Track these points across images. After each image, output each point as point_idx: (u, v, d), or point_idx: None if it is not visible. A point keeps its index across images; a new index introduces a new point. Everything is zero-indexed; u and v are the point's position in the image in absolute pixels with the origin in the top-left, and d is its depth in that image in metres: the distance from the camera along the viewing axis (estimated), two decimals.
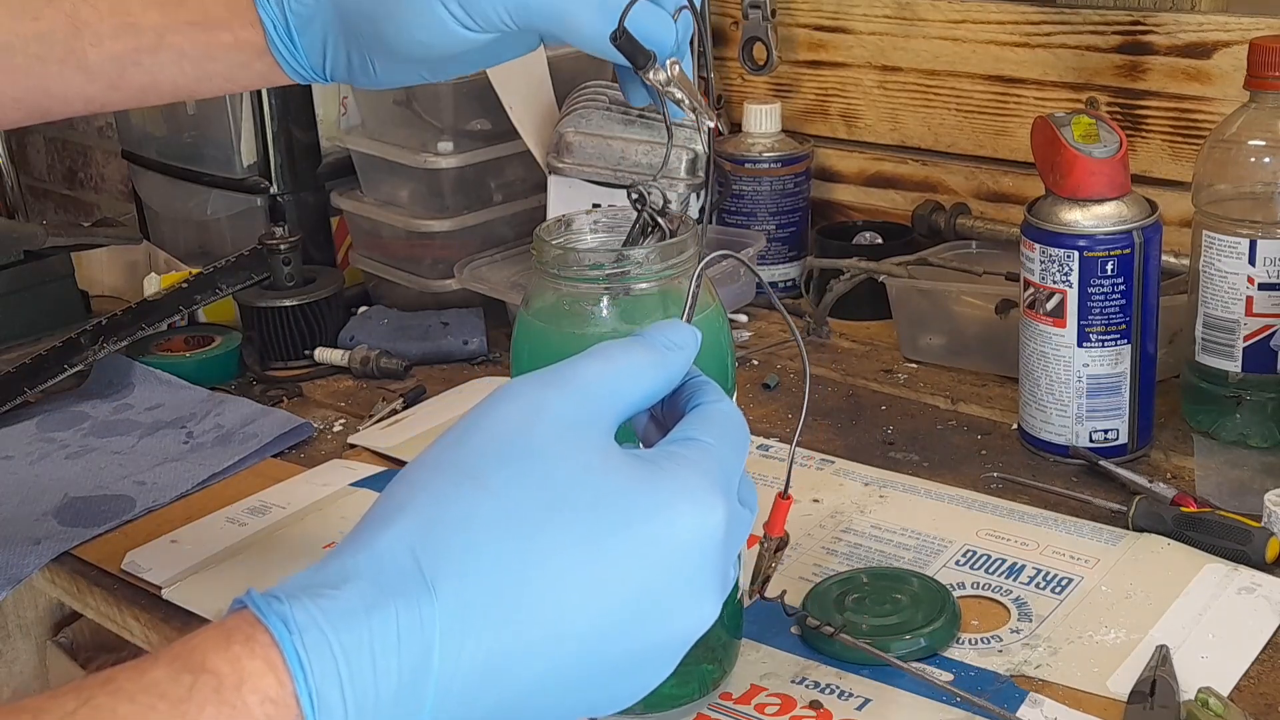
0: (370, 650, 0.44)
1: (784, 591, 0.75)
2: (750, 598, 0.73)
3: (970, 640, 0.77)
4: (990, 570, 0.83)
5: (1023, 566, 0.83)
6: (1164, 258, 0.95)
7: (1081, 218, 0.92)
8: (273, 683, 0.43)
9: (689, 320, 0.59)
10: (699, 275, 0.60)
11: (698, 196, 1.21)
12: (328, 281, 1.23)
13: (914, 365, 1.14)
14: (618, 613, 0.47)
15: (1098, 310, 0.92)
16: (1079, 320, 0.92)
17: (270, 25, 0.61)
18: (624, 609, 0.47)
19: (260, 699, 0.42)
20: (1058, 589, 0.81)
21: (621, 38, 0.63)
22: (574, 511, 0.47)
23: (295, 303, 1.20)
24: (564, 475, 0.47)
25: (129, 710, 0.41)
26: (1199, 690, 0.69)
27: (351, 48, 0.62)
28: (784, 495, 0.69)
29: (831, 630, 0.74)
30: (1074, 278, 0.92)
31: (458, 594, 0.45)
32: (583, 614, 0.46)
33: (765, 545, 0.71)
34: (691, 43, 0.66)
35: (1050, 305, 0.93)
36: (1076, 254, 0.91)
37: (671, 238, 0.67)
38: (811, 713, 0.71)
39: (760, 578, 0.71)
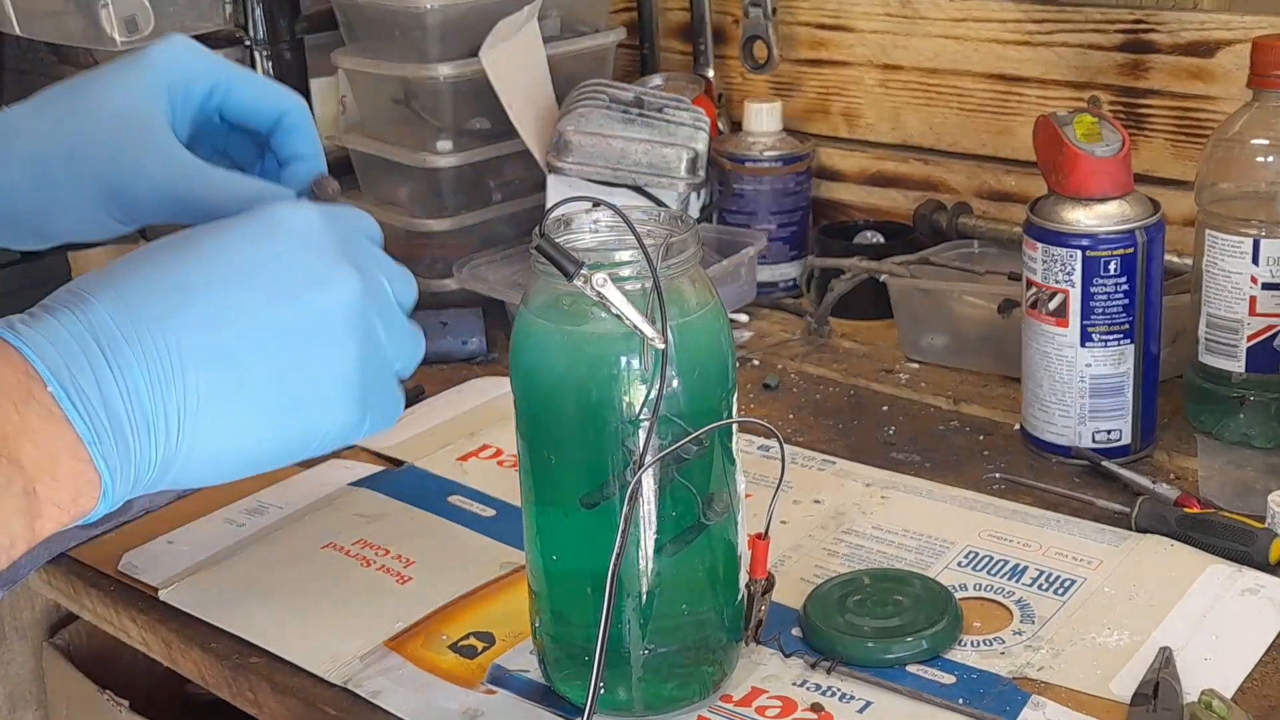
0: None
1: (779, 634, 0.76)
2: (746, 644, 0.73)
3: (972, 642, 0.76)
4: (992, 572, 0.83)
5: (1025, 568, 0.83)
6: (1167, 257, 0.94)
7: (1084, 217, 0.91)
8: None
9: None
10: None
11: (698, 196, 1.21)
12: None
13: (916, 365, 1.14)
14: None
15: (1100, 310, 0.92)
16: (1082, 320, 0.92)
17: None
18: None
19: None
20: (1060, 590, 0.80)
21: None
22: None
23: None
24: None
25: None
26: (1202, 692, 0.68)
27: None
28: (763, 536, 0.70)
29: (830, 665, 0.74)
30: (1076, 277, 0.91)
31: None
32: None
33: (752, 588, 0.71)
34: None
35: (1053, 305, 0.93)
36: (1079, 253, 0.91)
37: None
38: (813, 715, 0.71)
39: (752, 622, 0.72)
